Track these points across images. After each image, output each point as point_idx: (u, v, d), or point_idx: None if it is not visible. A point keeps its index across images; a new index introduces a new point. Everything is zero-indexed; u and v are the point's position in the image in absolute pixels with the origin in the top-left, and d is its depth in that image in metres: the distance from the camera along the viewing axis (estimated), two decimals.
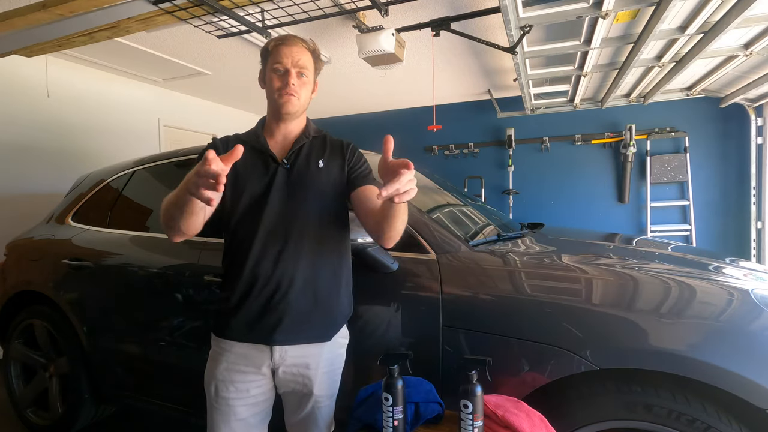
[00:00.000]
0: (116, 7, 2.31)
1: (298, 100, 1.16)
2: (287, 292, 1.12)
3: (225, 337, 1.16)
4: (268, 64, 1.18)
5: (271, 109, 1.20)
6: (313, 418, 1.19)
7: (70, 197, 2.39)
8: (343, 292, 1.22)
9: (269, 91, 1.18)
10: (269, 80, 1.17)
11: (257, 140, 1.19)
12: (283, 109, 1.15)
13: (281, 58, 1.15)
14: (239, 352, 1.15)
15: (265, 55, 1.19)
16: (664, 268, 1.38)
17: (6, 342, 2.34)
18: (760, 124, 4.10)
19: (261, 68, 1.22)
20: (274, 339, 1.12)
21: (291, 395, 1.19)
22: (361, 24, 2.77)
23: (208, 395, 1.18)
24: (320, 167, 1.18)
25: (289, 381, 1.16)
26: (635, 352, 1.13)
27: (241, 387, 1.14)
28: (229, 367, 1.15)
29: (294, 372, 1.15)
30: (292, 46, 1.15)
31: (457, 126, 5.32)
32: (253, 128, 1.26)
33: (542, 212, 4.96)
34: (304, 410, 1.18)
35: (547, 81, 3.86)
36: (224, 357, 1.15)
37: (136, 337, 1.88)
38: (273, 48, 1.16)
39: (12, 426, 2.29)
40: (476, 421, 1.01)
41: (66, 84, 3.73)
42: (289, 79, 1.14)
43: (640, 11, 2.43)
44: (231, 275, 1.16)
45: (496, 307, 1.29)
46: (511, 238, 1.77)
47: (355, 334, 1.32)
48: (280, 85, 1.15)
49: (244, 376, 1.14)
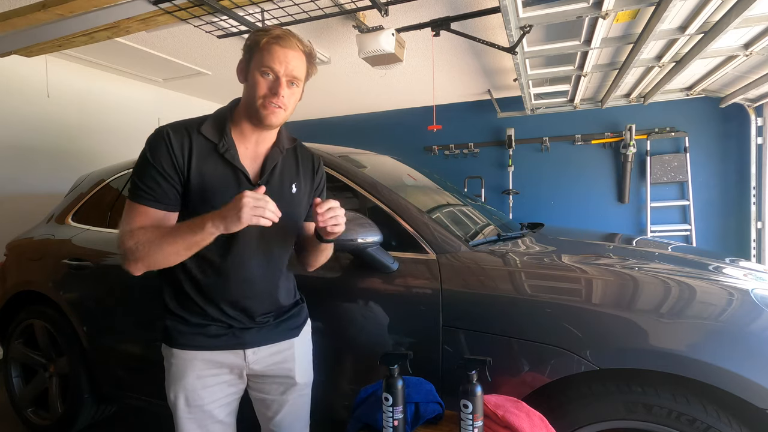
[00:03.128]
0: (116, 7, 2.31)
1: (284, 112, 1.04)
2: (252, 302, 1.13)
3: (189, 349, 1.10)
4: (254, 59, 1.03)
5: (248, 112, 1.06)
6: (296, 409, 1.22)
7: (70, 197, 2.39)
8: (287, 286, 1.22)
9: (251, 94, 1.03)
10: (254, 81, 1.03)
11: (226, 150, 1.05)
12: (266, 120, 1.03)
13: (273, 61, 1.01)
14: (208, 359, 1.11)
15: (252, 47, 1.03)
16: (664, 268, 1.38)
17: (6, 342, 2.34)
18: (760, 124, 4.09)
19: (243, 58, 1.07)
20: (245, 343, 1.13)
21: (272, 390, 1.19)
22: (361, 24, 2.77)
23: (176, 408, 1.11)
24: (293, 193, 1.15)
25: (269, 376, 1.18)
26: (635, 352, 1.13)
27: (216, 390, 1.12)
28: (199, 374, 1.10)
29: (272, 366, 1.17)
30: (288, 49, 1.02)
31: (457, 126, 5.32)
32: (213, 121, 1.08)
33: (542, 212, 4.96)
34: (287, 404, 1.20)
35: (547, 81, 3.86)
36: (191, 367, 1.10)
37: (136, 337, 1.88)
38: (265, 45, 1.01)
39: (12, 426, 2.29)
40: (476, 421, 1.01)
41: (66, 84, 3.73)
42: (280, 89, 1.01)
43: (640, 11, 2.43)
44: (190, 292, 1.09)
45: (496, 307, 1.29)
46: (511, 238, 1.77)
47: (355, 334, 1.32)
48: (267, 92, 1.02)
49: (217, 378, 1.12)
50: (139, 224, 1.01)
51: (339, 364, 1.49)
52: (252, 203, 0.90)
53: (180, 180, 1.03)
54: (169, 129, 1.05)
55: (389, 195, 1.56)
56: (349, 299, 1.47)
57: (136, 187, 1.03)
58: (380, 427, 1.08)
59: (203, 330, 1.10)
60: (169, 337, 1.11)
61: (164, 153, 1.02)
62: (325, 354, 1.45)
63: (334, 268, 1.49)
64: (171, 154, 1.02)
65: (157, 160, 1.01)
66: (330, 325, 1.48)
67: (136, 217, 1.02)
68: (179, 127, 1.06)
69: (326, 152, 1.71)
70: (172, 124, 1.08)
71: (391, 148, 2.93)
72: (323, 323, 1.48)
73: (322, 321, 1.49)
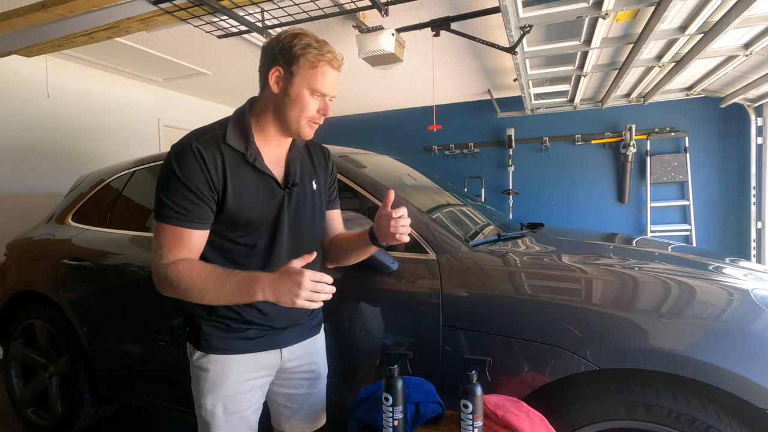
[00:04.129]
0: (116, 7, 2.31)
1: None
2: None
3: (229, 353, 1.09)
4: (303, 76, 0.99)
5: (284, 124, 1.05)
6: (319, 400, 1.26)
7: (70, 197, 2.39)
8: None
9: (295, 111, 1.02)
10: (302, 100, 1.01)
11: (255, 159, 1.04)
12: (307, 137, 1.07)
13: (330, 84, 1.02)
14: (248, 361, 1.10)
15: (299, 61, 0.99)
16: (664, 268, 1.38)
17: (6, 342, 2.34)
18: (760, 124, 4.10)
19: (280, 67, 1.00)
20: (283, 342, 1.15)
21: (300, 385, 1.22)
22: (361, 24, 2.77)
23: (213, 417, 1.07)
24: (314, 189, 1.17)
25: (298, 372, 1.21)
26: (635, 352, 1.13)
27: (251, 395, 1.12)
28: (238, 379, 1.09)
29: (303, 363, 1.21)
30: (337, 71, 1.04)
31: (457, 126, 5.32)
32: (235, 128, 1.05)
33: (542, 212, 4.96)
34: (311, 396, 1.24)
35: (547, 81, 3.86)
36: (229, 372, 1.08)
37: (136, 337, 1.88)
38: (320, 65, 1.00)
39: (12, 426, 2.29)
40: (476, 421, 1.01)
41: (66, 84, 3.73)
42: (328, 110, 1.04)
43: (640, 11, 2.43)
44: None
45: (496, 307, 1.29)
46: (511, 238, 1.77)
47: (355, 334, 1.33)
48: (315, 114, 1.03)
49: (253, 383, 1.12)
50: (177, 250, 0.98)
51: (339, 364, 1.49)
52: (310, 287, 0.89)
53: (215, 199, 1.01)
54: (199, 145, 0.99)
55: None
56: (349, 299, 1.47)
57: (166, 206, 0.98)
58: (380, 427, 1.08)
59: (244, 333, 1.10)
60: (207, 343, 1.08)
61: (198, 173, 0.98)
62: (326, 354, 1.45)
63: (334, 268, 1.48)
64: (206, 175, 0.98)
65: (190, 180, 0.97)
66: (330, 325, 1.48)
67: (170, 240, 0.98)
68: (207, 142, 1.00)
69: None
70: (196, 137, 1.01)
71: (391, 148, 2.93)
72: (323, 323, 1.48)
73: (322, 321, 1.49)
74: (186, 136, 1.03)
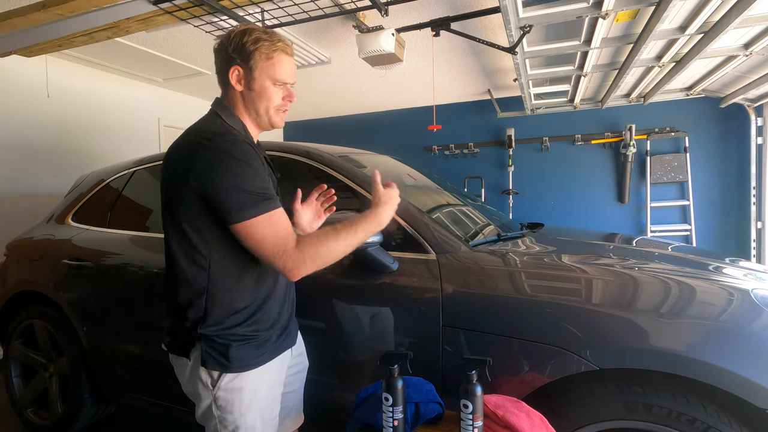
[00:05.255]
0: (116, 7, 2.31)
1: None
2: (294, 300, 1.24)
3: (261, 365, 1.06)
4: (262, 69, 1.03)
5: (256, 118, 1.09)
6: (301, 394, 1.31)
7: (70, 197, 2.39)
8: None
9: (264, 104, 1.06)
10: (267, 92, 1.04)
11: (259, 150, 1.08)
12: (279, 125, 1.11)
13: (288, 71, 1.05)
14: (276, 365, 1.11)
15: (252, 55, 1.02)
16: (664, 268, 1.38)
17: (6, 342, 2.34)
18: (760, 124, 4.10)
19: (238, 66, 1.03)
20: (293, 339, 1.20)
21: (294, 383, 1.26)
22: (361, 24, 2.77)
23: (253, 430, 1.05)
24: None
25: (296, 365, 1.26)
26: (635, 352, 1.13)
27: (278, 397, 1.14)
28: (271, 386, 1.10)
29: (298, 356, 1.27)
30: (291, 57, 1.08)
31: (457, 126, 5.32)
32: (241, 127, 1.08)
33: (542, 212, 4.96)
34: (298, 392, 1.29)
35: (547, 81, 3.86)
36: (263, 383, 1.07)
37: (136, 337, 1.88)
38: (275, 55, 1.03)
39: (12, 426, 2.30)
40: (476, 421, 1.01)
41: (66, 84, 3.73)
42: (292, 95, 1.08)
43: (640, 11, 2.43)
44: (259, 299, 1.07)
45: (496, 307, 1.29)
46: (511, 238, 1.76)
47: (355, 334, 1.33)
48: (282, 102, 1.07)
49: (280, 387, 1.15)
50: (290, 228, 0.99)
51: (339, 364, 1.49)
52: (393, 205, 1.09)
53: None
54: (243, 140, 1.00)
55: None
56: (349, 299, 1.47)
57: (256, 195, 0.95)
58: (380, 427, 1.08)
59: (269, 338, 1.10)
60: (239, 362, 1.02)
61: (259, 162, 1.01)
62: (326, 354, 1.45)
63: (334, 268, 1.48)
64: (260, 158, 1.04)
65: (259, 166, 0.99)
66: (330, 325, 1.48)
67: (281, 223, 0.97)
68: (240, 140, 1.00)
69: (326, 152, 1.71)
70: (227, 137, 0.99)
71: (391, 148, 2.93)
72: (323, 323, 1.49)
73: (322, 321, 1.49)
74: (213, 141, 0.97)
